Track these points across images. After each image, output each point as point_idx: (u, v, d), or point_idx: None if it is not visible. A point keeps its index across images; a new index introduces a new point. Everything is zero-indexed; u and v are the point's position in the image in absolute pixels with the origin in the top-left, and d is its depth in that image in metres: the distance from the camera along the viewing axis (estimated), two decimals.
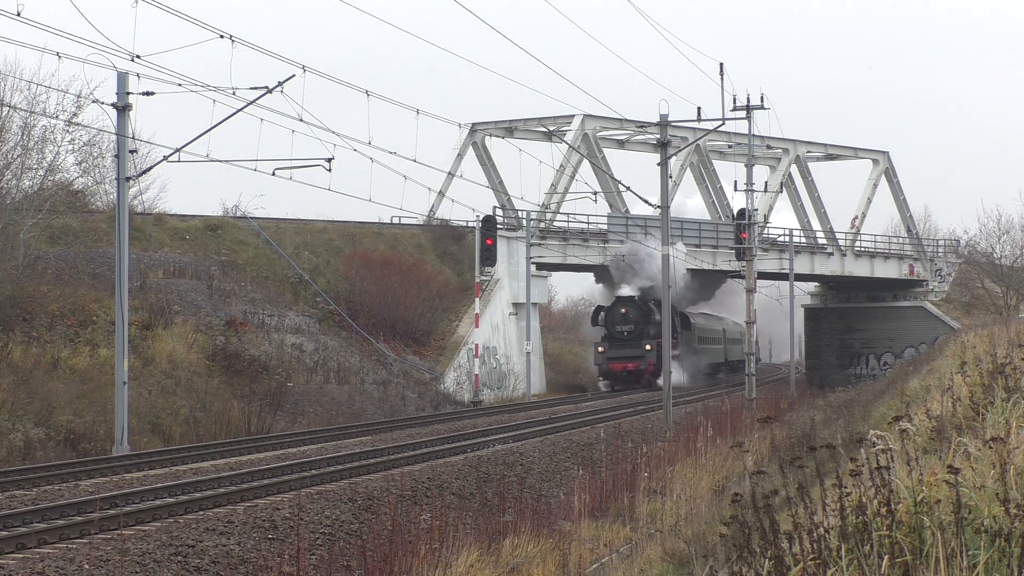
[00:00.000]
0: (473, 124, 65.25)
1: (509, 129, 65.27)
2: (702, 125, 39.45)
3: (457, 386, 53.08)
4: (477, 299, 53.25)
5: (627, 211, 64.51)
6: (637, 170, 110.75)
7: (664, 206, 37.18)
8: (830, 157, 71.94)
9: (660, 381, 54.86)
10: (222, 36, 23.94)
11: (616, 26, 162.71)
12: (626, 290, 62.83)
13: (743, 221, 46.80)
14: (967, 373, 18.28)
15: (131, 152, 30.47)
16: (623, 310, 61.73)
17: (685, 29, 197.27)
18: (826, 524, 8.23)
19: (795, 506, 8.53)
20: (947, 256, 75.70)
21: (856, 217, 70.36)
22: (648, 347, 60.76)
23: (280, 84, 27.91)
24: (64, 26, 20.67)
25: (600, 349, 61.78)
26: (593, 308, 66.40)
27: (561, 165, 58.67)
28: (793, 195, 67.91)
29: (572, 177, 59.31)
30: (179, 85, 26.23)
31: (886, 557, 7.76)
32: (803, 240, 66.79)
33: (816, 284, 74.24)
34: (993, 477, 8.40)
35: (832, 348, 72.52)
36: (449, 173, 61.33)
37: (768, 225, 63.25)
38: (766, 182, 60.16)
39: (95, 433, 31.28)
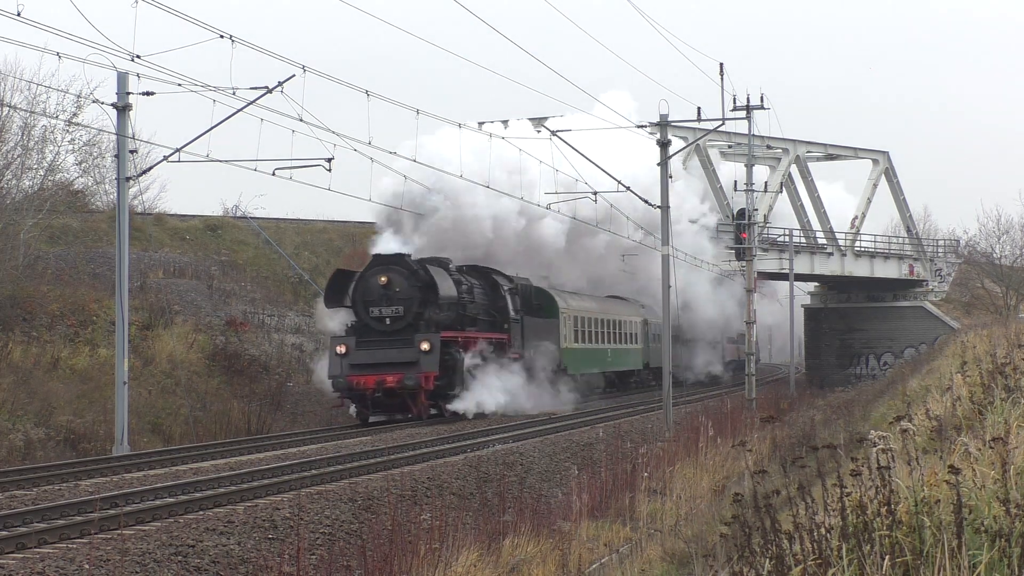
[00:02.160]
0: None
1: None
2: (702, 125, 39.44)
3: None
4: None
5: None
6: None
7: (664, 206, 37.16)
8: (830, 157, 71.89)
9: (454, 407, 37.05)
10: (222, 36, 23.92)
11: (616, 26, 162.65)
12: (392, 242, 38.25)
13: (743, 221, 46.78)
14: (967, 373, 18.29)
15: (131, 152, 30.48)
16: (383, 279, 36.12)
17: (685, 29, 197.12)
18: (827, 524, 8.23)
19: (796, 506, 8.53)
20: (947, 256, 75.67)
21: (856, 217, 70.31)
22: (425, 346, 35.48)
23: (280, 84, 27.89)
24: (64, 26, 20.67)
25: (340, 349, 35.58)
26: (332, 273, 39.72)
27: None
28: (793, 195, 67.90)
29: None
30: (179, 85, 26.22)
31: (887, 557, 7.76)
32: (803, 240, 66.75)
33: (816, 284, 74.22)
34: (993, 477, 8.40)
35: (832, 348, 72.47)
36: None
37: (768, 225, 63.02)
38: (766, 182, 60.06)
39: (95, 433, 31.29)
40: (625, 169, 43.26)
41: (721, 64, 40.85)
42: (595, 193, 38.42)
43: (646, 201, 38.10)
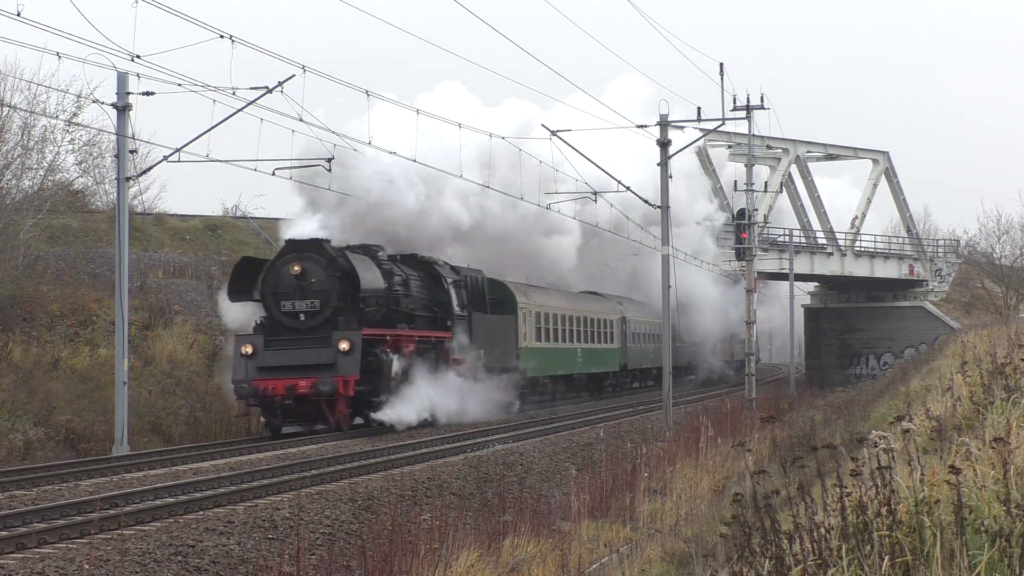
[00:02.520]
0: None
1: None
2: (702, 125, 39.40)
3: None
4: None
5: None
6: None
7: (664, 206, 37.13)
8: (830, 157, 71.95)
9: (380, 416, 32.50)
10: (222, 36, 23.93)
11: (616, 26, 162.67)
12: (310, 223, 33.90)
13: (743, 221, 46.76)
14: (967, 373, 18.29)
15: (131, 152, 30.47)
16: (296, 268, 31.79)
17: (685, 29, 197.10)
18: (827, 524, 8.23)
19: (796, 506, 8.52)
20: (947, 256, 75.73)
21: (856, 217, 70.37)
22: (344, 346, 30.99)
23: (280, 84, 27.91)
24: (64, 26, 20.67)
25: (246, 350, 31.30)
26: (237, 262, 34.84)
27: None
28: (793, 195, 67.94)
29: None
30: (179, 85, 26.23)
31: (887, 557, 7.75)
32: (803, 240, 66.79)
33: (816, 284, 74.26)
34: (994, 477, 8.40)
35: (832, 348, 72.52)
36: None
37: (768, 225, 63.02)
38: (766, 182, 60.08)
39: (95, 433, 31.26)
40: (632, 167, 43.14)
41: (721, 64, 40.81)
42: (595, 193, 38.35)
43: (646, 201, 38.06)
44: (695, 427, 27.97)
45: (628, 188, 37.61)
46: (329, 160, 30.69)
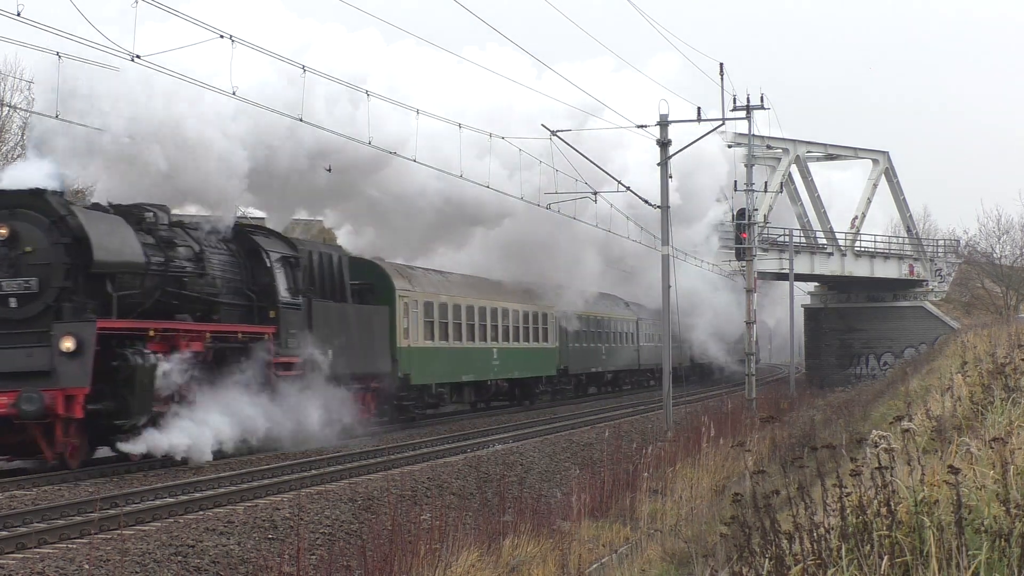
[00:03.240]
0: None
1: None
2: (702, 125, 39.34)
3: None
4: None
5: None
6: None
7: (664, 206, 37.09)
8: (830, 157, 71.97)
9: (130, 447, 23.54)
10: (222, 36, 23.89)
11: (616, 26, 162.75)
12: (30, 170, 23.32)
13: (743, 221, 46.74)
14: (967, 373, 18.30)
15: None
16: (2, 230, 22.34)
17: (685, 29, 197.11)
18: (826, 524, 8.23)
19: (795, 506, 8.53)
20: (947, 256, 75.74)
21: (856, 217, 70.39)
22: (68, 345, 21.46)
23: None
24: (64, 26, 20.58)
25: None
26: None
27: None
28: (793, 195, 67.94)
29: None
30: None
31: (886, 557, 7.75)
32: (803, 240, 66.79)
33: (816, 284, 74.28)
34: (993, 477, 8.40)
35: (832, 348, 72.53)
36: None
37: (768, 225, 63.00)
38: (766, 182, 60.05)
39: None
40: (646, 170, 43.05)
41: (721, 64, 40.73)
42: (595, 193, 38.27)
43: (646, 201, 38.01)
44: (695, 427, 27.97)
45: (628, 188, 37.57)
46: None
